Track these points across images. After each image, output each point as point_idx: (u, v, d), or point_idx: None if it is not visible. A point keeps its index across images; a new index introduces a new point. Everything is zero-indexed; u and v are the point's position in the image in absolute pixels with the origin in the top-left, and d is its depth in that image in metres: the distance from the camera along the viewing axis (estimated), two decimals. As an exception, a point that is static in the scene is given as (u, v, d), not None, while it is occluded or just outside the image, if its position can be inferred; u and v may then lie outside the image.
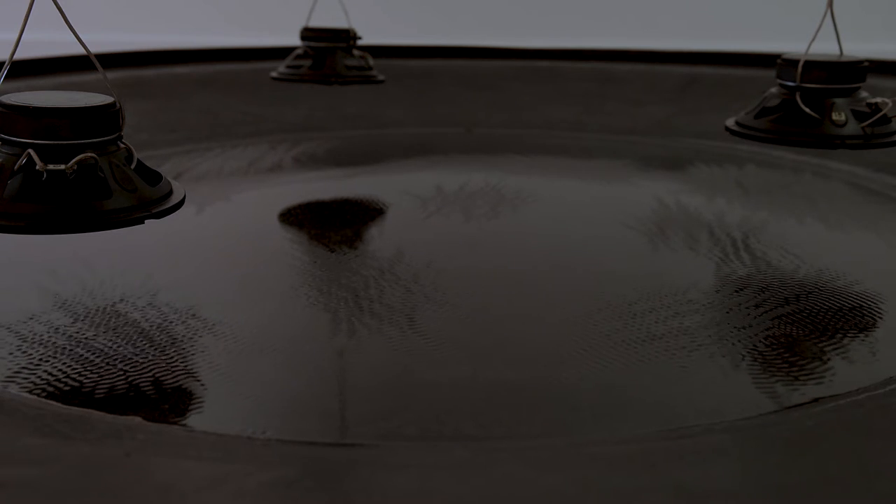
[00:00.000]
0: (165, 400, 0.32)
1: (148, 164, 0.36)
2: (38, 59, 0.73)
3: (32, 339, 0.37)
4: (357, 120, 0.80)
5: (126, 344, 0.36)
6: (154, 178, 0.36)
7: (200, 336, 0.37)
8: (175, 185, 0.37)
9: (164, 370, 0.34)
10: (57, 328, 0.38)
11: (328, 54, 0.67)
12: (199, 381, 0.34)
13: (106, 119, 0.34)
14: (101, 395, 0.32)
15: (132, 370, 0.34)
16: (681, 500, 0.25)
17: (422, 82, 0.86)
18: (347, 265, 0.46)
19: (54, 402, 0.32)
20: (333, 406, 0.33)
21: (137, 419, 0.30)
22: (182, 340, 0.37)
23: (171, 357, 0.35)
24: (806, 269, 0.46)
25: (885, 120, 0.47)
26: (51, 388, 0.33)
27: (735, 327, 0.39)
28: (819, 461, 0.27)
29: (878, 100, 0.47)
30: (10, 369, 0.34)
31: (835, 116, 0.47)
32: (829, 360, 0.36)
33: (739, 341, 0.37)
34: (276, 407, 0.33)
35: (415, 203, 0.58)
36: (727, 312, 0.40)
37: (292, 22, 0.71)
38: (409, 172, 0.70)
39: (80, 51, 0.35)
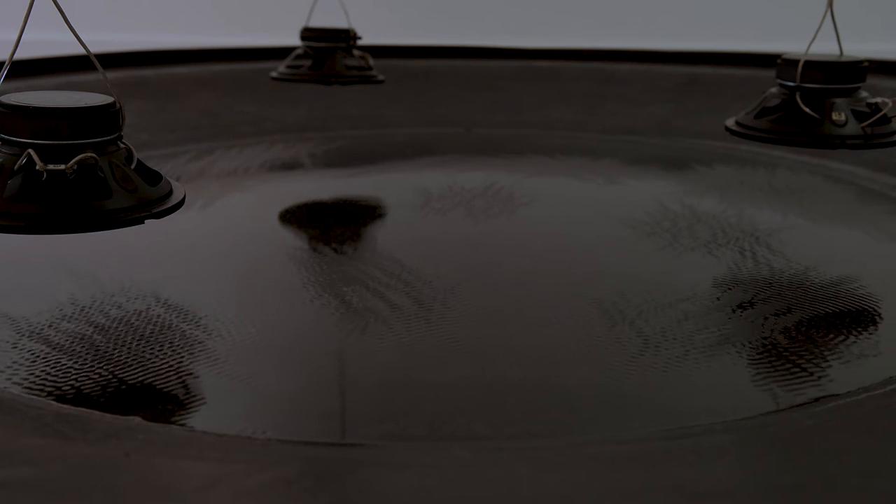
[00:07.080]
0: (165, 400, 0.32)
1: (148, 164, 0.36)
2: (38, 59, 0.73)
3: (32, 338, 0.37)
4: (357, 120, 0.80)
5: (126, 344, 0.36)
6: (154, 178, 0.36)
7: (200, 336, 0.37)
8: (175, 185, 0.37)
9: (164, 370, 0.34)
10: (57, 328, 0.38)
11: (328, 54, 0.67)
12: (198, 380, 0.34)
13: (106, 119, 0.34)
14: (101, 395, 0.32)
15: (132, 370, 0.34)
16: (681, 500, 0.25)
17: (422, 82, 0.86)
18: (347, 265, 0.46)
19: (54, 402, 0.32)
20: (333, 406, 0.33)
21: (137, 419, 0.30)
22: (182, 340, 0.37)
23: (171, 357, 0.35)
24: (806, 269, 0.46)
25: (885, 120, 0.47)
26: (51, 388, 0.33)
27: (735, 327, 0.39)
28: (819, 461, 0.27)
29: (878, 100, 0.47)
30: (10, 369, 0.34)
31: (835, 116, 0.47)
32: (829, 360, 0.36)
33: (739, 341, 0.37)
34: (276, 407, 0.33)
35: (415, 203, 0.58)
36: (727, 312, 0.40)
37: (292, 22, 0.71)
38: (409, 172, 0.70)
39: (80, 51, 0.35)
